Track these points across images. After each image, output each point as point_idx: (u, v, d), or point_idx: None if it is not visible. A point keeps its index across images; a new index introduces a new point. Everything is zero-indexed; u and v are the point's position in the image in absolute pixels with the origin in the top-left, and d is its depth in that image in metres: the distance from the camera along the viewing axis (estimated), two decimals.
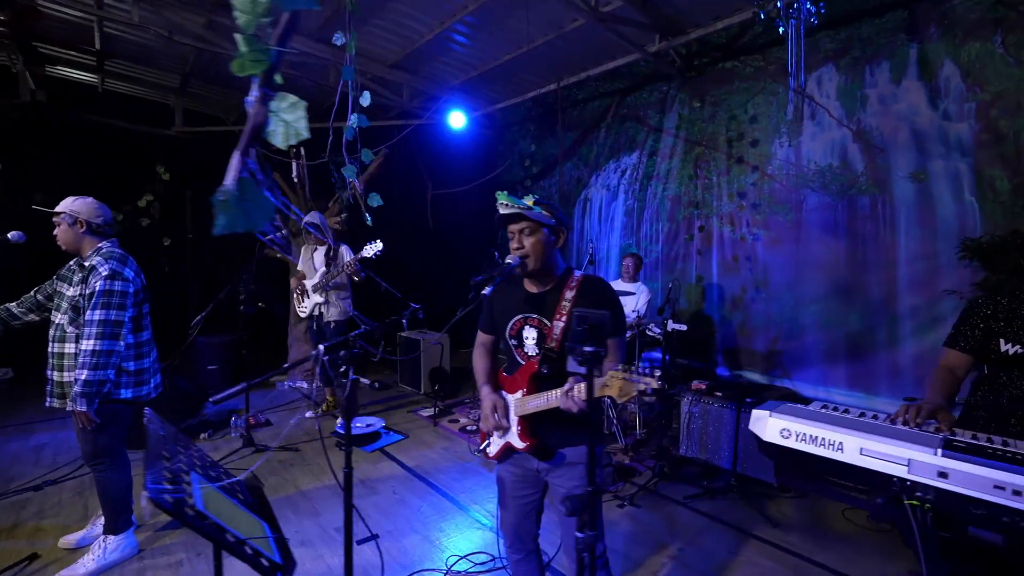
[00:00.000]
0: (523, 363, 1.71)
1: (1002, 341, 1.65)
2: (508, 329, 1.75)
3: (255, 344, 4.36)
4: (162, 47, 5.46)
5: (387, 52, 5.76)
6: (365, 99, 2.95)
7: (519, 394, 1.69)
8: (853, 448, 1.22)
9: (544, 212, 1.66)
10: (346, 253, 4.38)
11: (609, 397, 1.40)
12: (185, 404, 4.03)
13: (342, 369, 1.46)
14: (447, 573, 2.32)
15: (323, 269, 4.32)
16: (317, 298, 4.28)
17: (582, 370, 1.27)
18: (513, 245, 1.66)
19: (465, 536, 2.62)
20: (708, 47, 5.02)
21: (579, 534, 1.26)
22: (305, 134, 0.98)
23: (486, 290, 1.56)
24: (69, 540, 2.42)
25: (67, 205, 2.19)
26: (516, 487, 1.79)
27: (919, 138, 3.79)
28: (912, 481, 1.14)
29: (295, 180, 5.27)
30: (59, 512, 2.75)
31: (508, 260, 1.64)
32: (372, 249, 4.08)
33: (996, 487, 1.04)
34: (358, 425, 3.90)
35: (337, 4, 4.82)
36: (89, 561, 2.27)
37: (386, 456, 3.64)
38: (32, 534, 2.54)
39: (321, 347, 1.43)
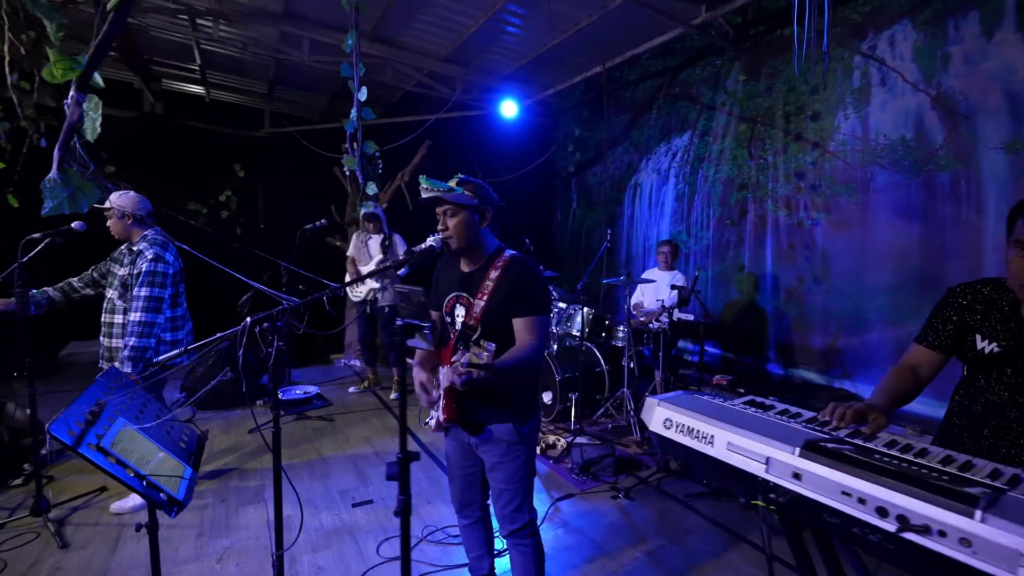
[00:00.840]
0: (452, 339, 1.76)
1: (978, 337, 1.36)
2: (444, 306, 1.80)
3: (312, 324, 4.81)
4: (250, 58, 6.15)
5: (437, 46, 5.95)
6: (363, 94, 3.15)
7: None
8: (722, 442, 1.11)
9: (467, 193, 1.68)
10: (399, 243, 4.61)
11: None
12: (247, 375, 4.59)
13: (269, 339, 1.62)
14: (421, 541, 2.45)
15: (379, 256, 4.52)
16: (373, 284, 4.50)
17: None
18: (439, 227, 1.71)
19: (452, 510, 2.72)
20: (764, 14, 4.56)
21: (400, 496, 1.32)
22: (98, 130, 1.12)
23: (401, 270, 1.63)
24: (120, 506, 2.77)
25: (115, 200, 2.61)
26: (458, 459, 1.85)
27: (1014, 102, 3.16)
28: (769, 481, 1.02)
29: (346, 172, 5.70)
30: None
31: (431, 241, 1.69)
32: (434, 239, 4.27)
33: (843, 493, 0.91)
34: (297, 392, 4.42)
35: (386, 4, 5.10)
36: (136, 496, 2.72)
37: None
38: (92, 472, 3.09)
39: (248, 319, 1.59)
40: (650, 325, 3.89)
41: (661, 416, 1.25)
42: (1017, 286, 1.21)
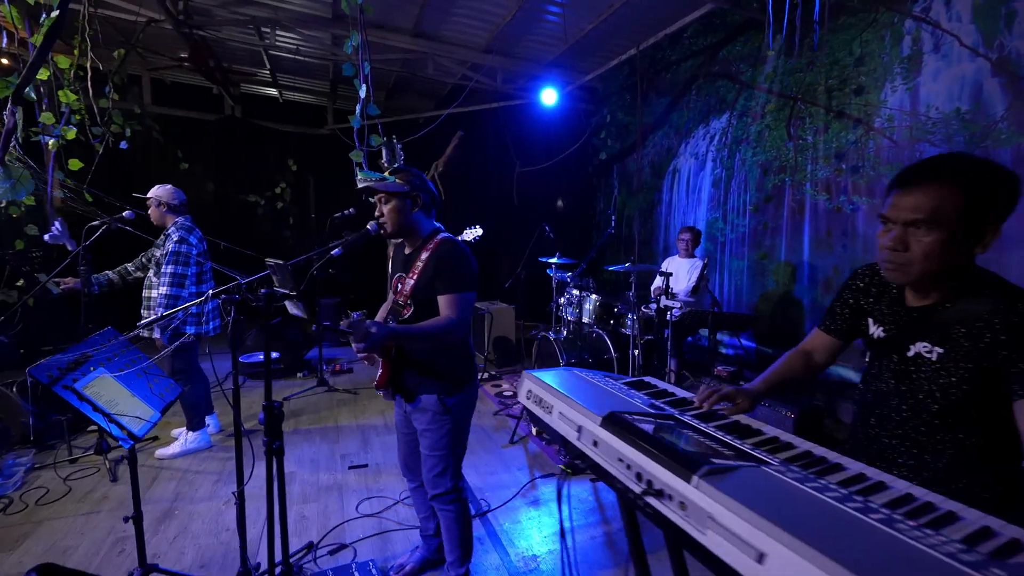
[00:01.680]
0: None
1: (871, 321, 1.26)
2: (391, 285, 1.96)
3: (358, 305, 5.23)
4: (309, 60, 6.70)
5: (476, 38, 6.08)
6: (362, 91, 3.36)
7: None
8: (556, 412, 1.15)
9: (398, 181, 1.81)
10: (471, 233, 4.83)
11: None
12: (293, 350, 5.08)
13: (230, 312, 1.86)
14: (397, 503, 2.65)
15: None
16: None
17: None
18: (376, 212, 1.85)
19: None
20: None
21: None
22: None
23: (335, 251, 1.79)
24: (162, 453, 3.30)
25: (154, 192, 3.05)
26: (401, 424, 2.02)
27: None
28: (578, 447, 1.06)
29: (384, 164, 6.04)
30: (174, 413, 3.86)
31: (368, 226, 1.84)
32: (472, 233, 4.50)
33: (619, 459, 0.92)
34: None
35: (424, 2, 5.32)
36: (176, 446, 3.19)
37: None
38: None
39: (210, 291, 1.84)
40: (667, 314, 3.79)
41: (526, 388, 1.32)
42: (888, 269, 1.13)
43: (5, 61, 4.21)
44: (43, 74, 3.09)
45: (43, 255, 3.90)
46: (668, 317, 3.71)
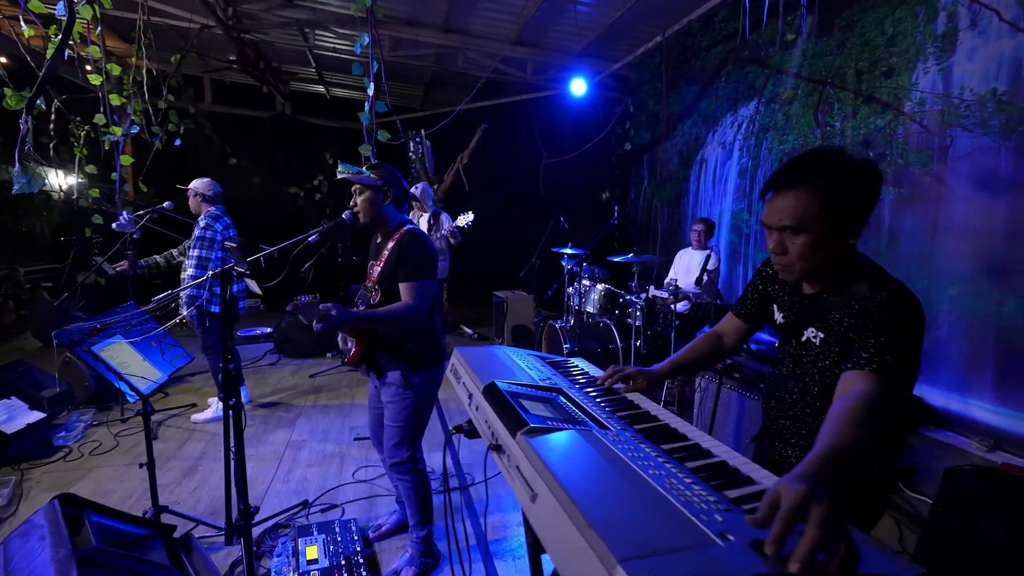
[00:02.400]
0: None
1: (775, 308, 1.31)
2: (368, 272, 2.13)
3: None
4: (352, 58, 7.03)
5: (504, 29, 6.16)
6: (370, 89, 3.54)
7: None
8: (462, 381, 1.27)
9: (372, 176, 1.96)
10: (445, 220, 5.07)
11: None
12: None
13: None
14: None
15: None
16: None
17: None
18: (351, 203, 2.02)
19: (431, 457, 3.08)
20: None
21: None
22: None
23: (312, 238, 1.97)
24: (197, 417, 3.69)
25: (192, 184, 3.40)
26: (372, 399, 2.19)
27: None
28: (468, 412, 1.17)
29: (412, 156, 6.28)
30: (208, 383, 4.27)
31: (344, 215, 2.01)
32: (464, 219, 4.69)
33: (485, 422, 1.03)
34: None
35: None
36: (208, 412, 3.56)
37: None
38: (194, 392, 4.03)
39: (209, 273, 2.08)
40: (671, 306, 3.77)
41: (452, 362, 1.44)
42: (778, 270, 1.16)
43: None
44: (95, 79, 3.49)
45: (105, 242, 4.42)
46: (672, 308, 3.69)
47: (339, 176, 1.99)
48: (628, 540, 0.58)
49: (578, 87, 6.44)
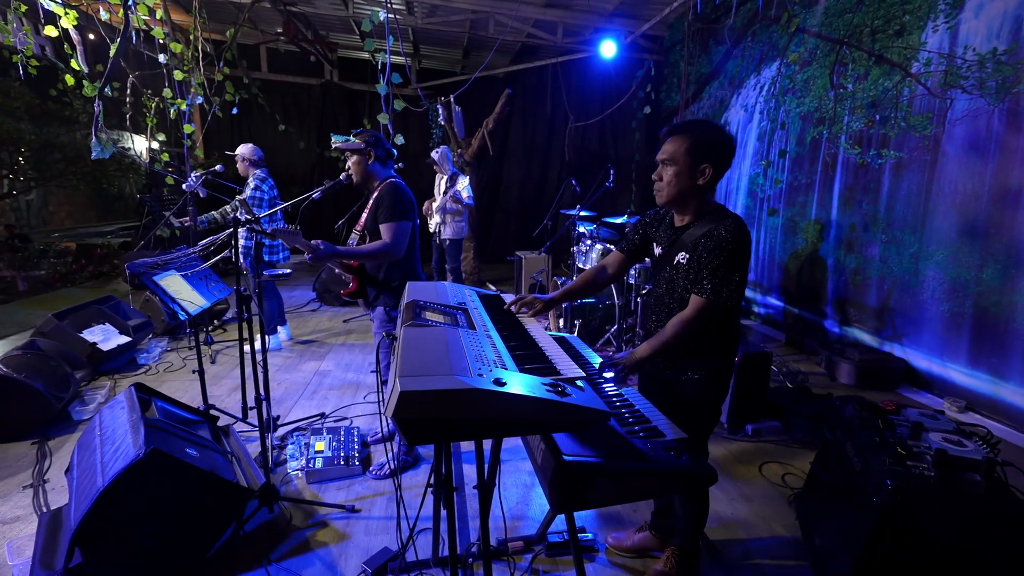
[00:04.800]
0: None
1: (655, 245, 1.67)
2: (358, 221, 2.56)
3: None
4: (393, 22, 7.36)
5: None
6: (381, 62, 3.88)
7: None
8: (403, 303, 1.68)
9: (357, 141, 2.36)
10: (463, 186, 5.40)
11: None
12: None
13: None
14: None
15: (442, 195, 5.47)
16: (436, 219, 5.47)
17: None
18: (346, 166, 2.44)
19: None
20: None
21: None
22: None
23: (315, 195, 2.41)
24: (246, 348, 4.36)
25: (239, 150, 3.94)
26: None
27: None
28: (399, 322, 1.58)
29: (442, 123, 6.60)
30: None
31: (341, 176, 2.43)
32: (462, 183, 5.08)
33: (400, 325, 1.44)
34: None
35: None
36: (257, 344, 4.24)
37: None
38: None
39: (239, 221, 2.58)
40: None
41: (405, 292, 1.85)
42: (655, 194, 1.50)
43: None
44: (162, 57, 4.05)
45: (177, 200, 5.15)
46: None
47: (333, 146, 2.41)
48: (411, 369, 0.97)
49: (608, 49, 6.45)
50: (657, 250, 1.65)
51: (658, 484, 1.08)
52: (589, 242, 4.47)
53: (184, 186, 3.96)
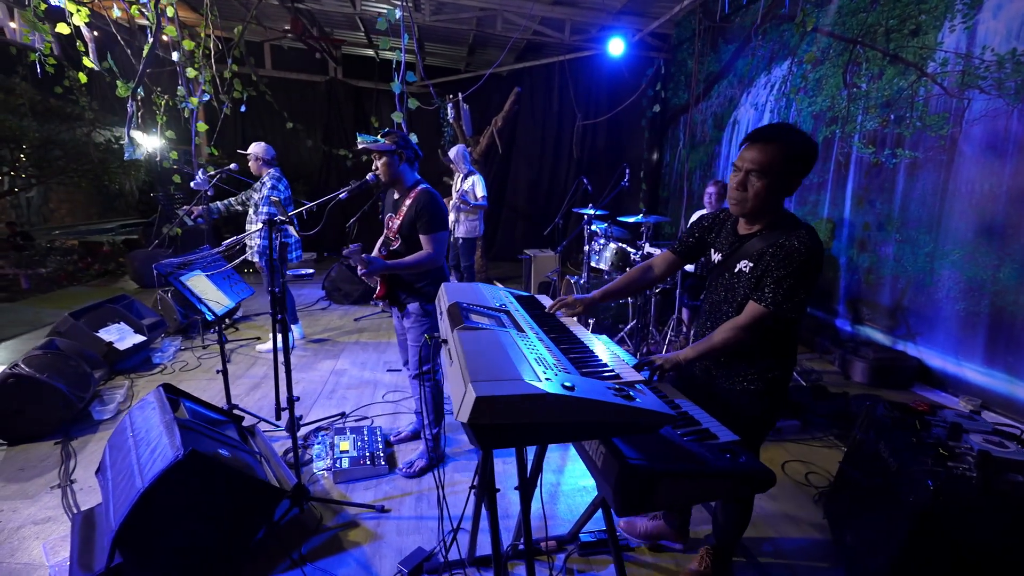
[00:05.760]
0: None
1: (712, 251, 1.64)
2: (385, 222, 2.56)
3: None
4: (406, 20, 7.33)
5: None
6: (403, 57, 3.87)
7: None
8: (440, 305, 1.69)
9: (386, 142, 2.36)
10: (475, 183, 5.40)
11: None
12: (362, 281, 6.05)
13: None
14: (412, 397, 3.39)
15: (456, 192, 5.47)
16: (452, 217, 5.46)
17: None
18: (373, 167, 2.43)
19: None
20: None
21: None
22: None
23: (342, 195, 2.41)
24: (260, 347, 4.38)
25: (252, 148, 3.93)
26: (398, 330, 2.66)
27: None
28: (437, 323, 1.58)
29: (451, 120, 6.60)
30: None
31: (368, 176, 2.43)
32: (469, 183, 5.08)
33: (445, 327, 1.44)
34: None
35: None
36: (269, 344, 4.24)
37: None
38: (258, 328, 4.73)
39: (260, 222, 2.58)
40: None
41: (439, 293, 1.86)
42: (732, 203, 1.48)
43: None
44: (175, 55, 4.03)
45: (186, 198, 5.14)
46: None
47: (360, 146, 2.40)
48: (480, 374, 0.97)
49: (616, 47, 6.43)
50: (716, 256, 1.61)
51: (722, 486, 1.09)
52: (603, 241, 4.48)
53: (193, 184, 3.95)
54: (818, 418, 3.06)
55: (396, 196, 2.47)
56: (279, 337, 2.09)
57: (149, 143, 4.52)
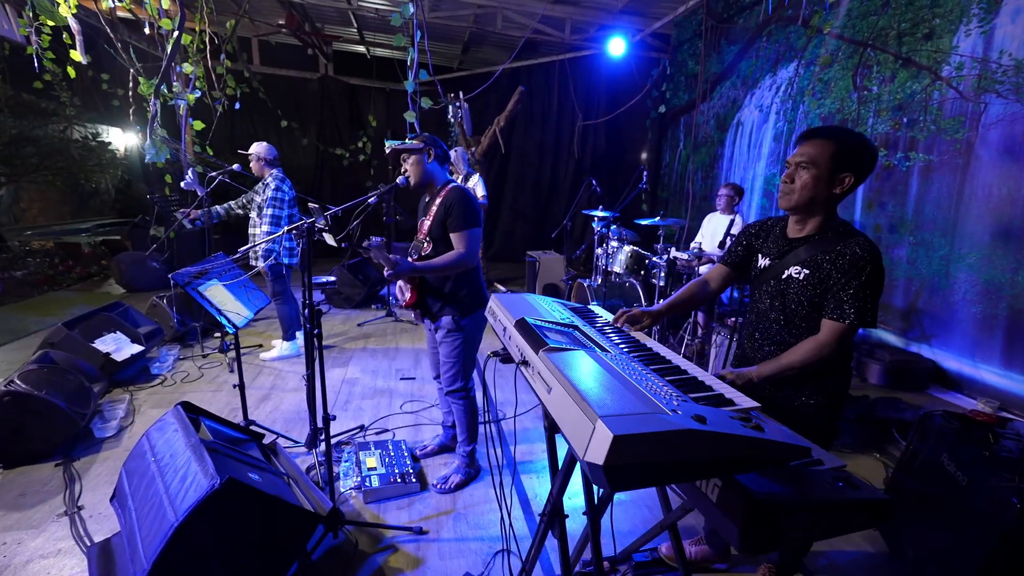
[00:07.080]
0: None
1: (759, 256, 1.59)
2: (418, 226, 2.45)
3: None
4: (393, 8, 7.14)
5: None
6: (415, 54, 3.75)
7: None
8: (499, 319, 1.59)
9: (414, 142, 2.25)
10: (476, 184, 5.31)
11: None
12: (369, 286, 5.90)
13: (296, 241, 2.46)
14: (432, 406, 3.28)
15: None
16: None
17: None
18: (402, 169, 2.32)
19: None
20: None
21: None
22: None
23: (371, 199, 2.30)
24: (265, 355, 4.21)
25: (253, 148, 3.76)
26: (429, 340, 2.55)
27: None
28: (503, 341, 1.49)
29: (451, 120, 6.47)
30: (271, 327, 4.79)
31: (398, 179, 2.32)
32: (472, 181, 5.00)
33: (517, 347, 1.35)
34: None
35: None
36: (274, 352, 4.07)
37: None
38: (259, 335, 4.56)
39: (283, 229, 2.44)
40: (695, 268, 3.97)
41: (490, 306, 1.76)
42: (780, 198, 1.43)
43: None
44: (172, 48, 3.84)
45: (180, 199, 4.92)
46: (695, 270, 3.89)
47: (387, 151, 2.29)
48: (606, 408, 0.89)
49: (616, 47, 6.39)
50: (763, 261, 1.57)
51: (852, 518, 1.02)
52: (616, 243, 4.42)
53: (183, 184, 3.77)
54: (842, 422, 3.05)
55: (427, 199, 2.36)
56: (315, 354, 1.95)
57: (128, 140, 4.30)
